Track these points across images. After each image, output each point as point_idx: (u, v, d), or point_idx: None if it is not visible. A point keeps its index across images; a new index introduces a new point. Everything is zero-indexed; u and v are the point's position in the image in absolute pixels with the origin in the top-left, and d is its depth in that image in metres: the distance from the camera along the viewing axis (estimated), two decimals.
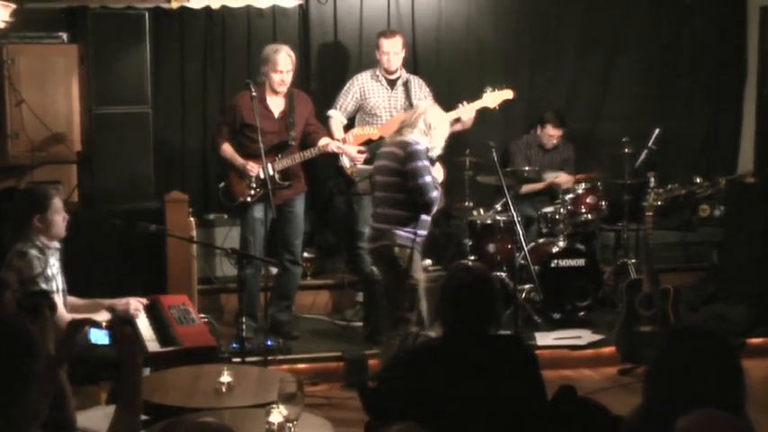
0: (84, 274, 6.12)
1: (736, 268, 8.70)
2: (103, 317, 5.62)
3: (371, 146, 7.91)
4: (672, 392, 3.02)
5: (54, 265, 5.74)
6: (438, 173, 6.95)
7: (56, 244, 5.80)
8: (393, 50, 8.19)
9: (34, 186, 6.76)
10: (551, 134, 9.07)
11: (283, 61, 7.72)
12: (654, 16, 9.87)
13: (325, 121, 8.24)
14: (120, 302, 5.91)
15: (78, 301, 6.00)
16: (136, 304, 5.90)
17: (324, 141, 7.86)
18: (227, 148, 7.83)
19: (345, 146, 7.96)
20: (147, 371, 5.50)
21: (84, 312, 5.70)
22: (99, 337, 3.86)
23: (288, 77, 7.78)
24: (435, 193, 6.57)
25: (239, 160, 7.76)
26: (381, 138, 8.08)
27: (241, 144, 7.80)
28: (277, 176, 7.75)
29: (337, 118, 8.27)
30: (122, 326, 3.82)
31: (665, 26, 9.92)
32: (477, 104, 8.14)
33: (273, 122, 7.82)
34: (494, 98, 8.15)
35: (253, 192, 7.74)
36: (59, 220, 5.74)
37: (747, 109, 9.99)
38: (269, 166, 7.63)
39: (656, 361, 3.12)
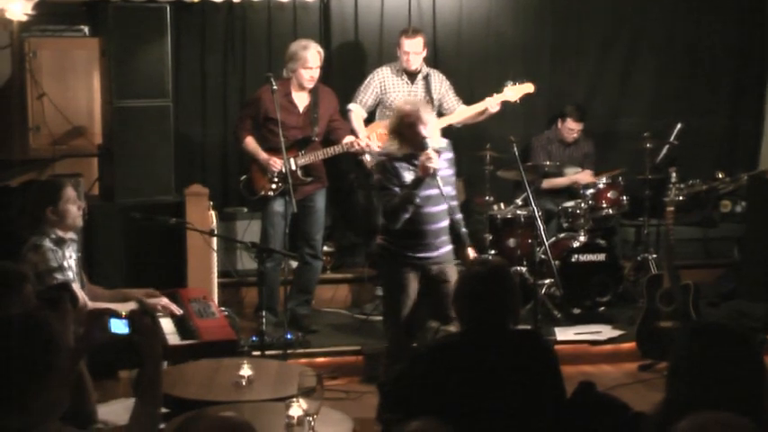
0: (105, 266, 6.15)
1: (757, 264, 8.67)
2: (129, 307, 5.63)
3: None
4: (694, 389, 3.01)
5: (71, 257, 5.73)
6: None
7: (72, 235, 5.78)
8: (414, 50, 8.20)
9: (47, 179, 6.78)
10: (571, 128, 9.06)
11: (313, 58, 7.72)
12: (675, 11, 9.83)
13: (345, 115, 8.24)
14: (140, 292, 5.87)
15: (103, 291, 5.99)
16: (166, 302, 5.84)
17: (348, 139, 7.86)
18: (251, 142, 7.83)
19: (370, 142, 7.96)
20: (165, 364, 5.52)
21: (109, 302, 5.71)
22: (118, 326, 3.86)
23: (316, 74, 7.79)
24: (393, 208, 6.14)
25: (262, 155, 7.76)
26: None
27: (264, 137, 7.81)
28: (299, 172, 7.75)
29: (357, 112, 8.27)
30: (142, 316, 3.83)
31: (686, 21, 9.87)
32: (499, 98, 8.13)
33: (298, 117, 7.82)
34: (515, 92, 8.15)
35: (274, 186, 7.74)
36: (74, 209, 5.71)
37: None
38: (291, 160, 7.64)
39: (679, 357, 3.11)
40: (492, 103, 8.12)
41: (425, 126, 6.18)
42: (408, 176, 6.17)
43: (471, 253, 6.58)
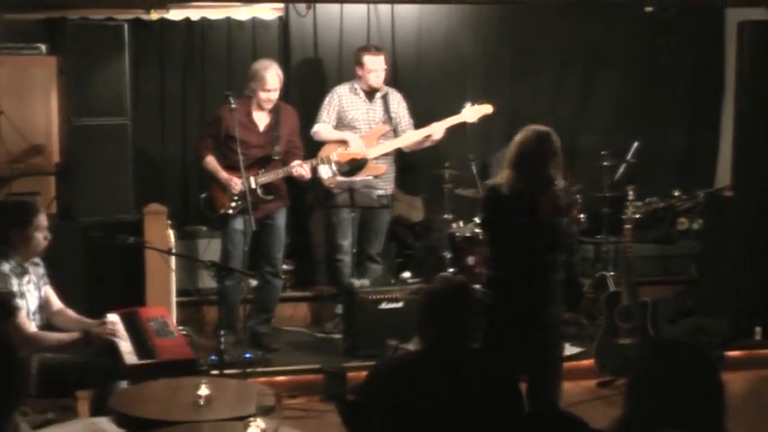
0: (63, 286, 6.08)
1: (714, 281, 8.73)
2: (74, 336, 5.58)
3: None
4: (652, 405, 3.01)
5: (30, 282, 5.67)
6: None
7: (35, 260, 5.74)
8: (378, 68, 8.22)
9: (21, 200, 6.71)
10: None
11: (272, 80, 7.71)
12: (633, 31, 9.89)
13: (310, 139, 8.25)
14: (95, 323, 5.80)
15: (71, 316, 5.92)
16: (111, 327, 5.75)
17: (295, 163, 7.82)
18: (211, 161, 7.80)
19: (321, 166, 8.01)
20: (124, 383, 5.49)
21: (72, 329, 5.67)
22: None
23: (275, 95, 7.77)
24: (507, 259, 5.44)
25: (223, 174, 7.73)
26: (365, 158, 8.09)
27: (224, 155, 7.77)
28: (259, 191, 7.73)
29: (325, 129, 8.25)
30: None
31: (644, 41, 9.94)
32: (457, 119, 8.19)
33: (258, 136, 7.80)
34: (473, 113, 8.19)
35: (234, 204, 7.71)
36: (39, 237, 5.64)
37: (725, 123, 10.01)
38: (251, 179, 7.63)
39: (638, 374, 3.12)
40: (437, 130, 8.16)
41: (554, 159, 5.52)
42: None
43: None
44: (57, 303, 5.92)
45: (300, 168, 7.78)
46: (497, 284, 5.51)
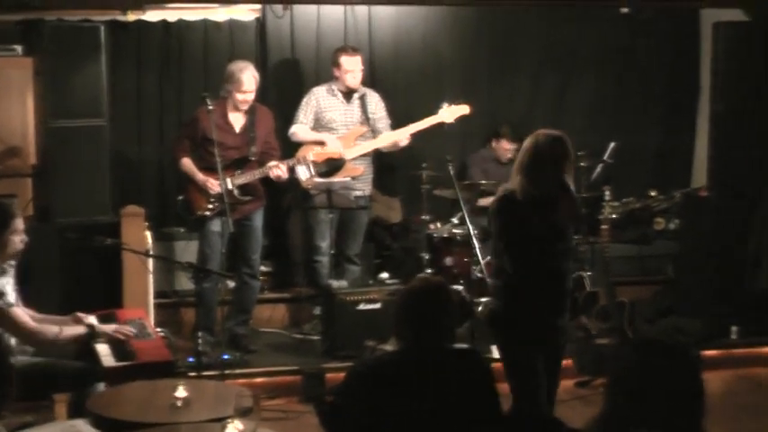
0: (40, 288, 6.07)
1: (691, 281, 8.76)
2: (79, 330, 5.59)
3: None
4: (632, 404, 3.02)
5: (9, 284, 5.65)
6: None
7: (11, 261, 5.72)
8: (358, 68, 8.23)
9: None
10: (506, 148, 9.12)
11: (248, 82, 7.69)
12: (609, 32, 9.93)
13: (287, 140, 8.23)
14: (66, 319, 5.79)
15: (35, 315, 5.92)
16: (117, 327, 5.75)
17: (272, 163, 7.81)
18: (187, 163, 7.78)
19: (299, 167, 8.01)
20: (102, 386, 5.48)
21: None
22: None
23: (251, 97, 7.76)
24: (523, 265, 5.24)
25: (200, 176, 7.71)
26: (342, 158, 8.09)
27: (201, 157, 7.76)
28: (236, 192, 7.72)
29: (302, 129, 8.24)
30: None
31: (620, 42, 9.98)
32: (434, 120, 8.19)
33: (235, 137, 7.79)
34: (450, 113, 8.20)
35: (211, 206, 7.70)
36: (16, 241, 5.61)
37: (701, 124, 10.06)
38: (228, 180, 7.61)
39: (618, 373, 3.12)
40: (402, 135, 8.19)
41: (568, 163, 5.35)
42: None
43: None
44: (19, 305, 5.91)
45: (277, 169, 7.77)
46: (510, 292, 5.30)
